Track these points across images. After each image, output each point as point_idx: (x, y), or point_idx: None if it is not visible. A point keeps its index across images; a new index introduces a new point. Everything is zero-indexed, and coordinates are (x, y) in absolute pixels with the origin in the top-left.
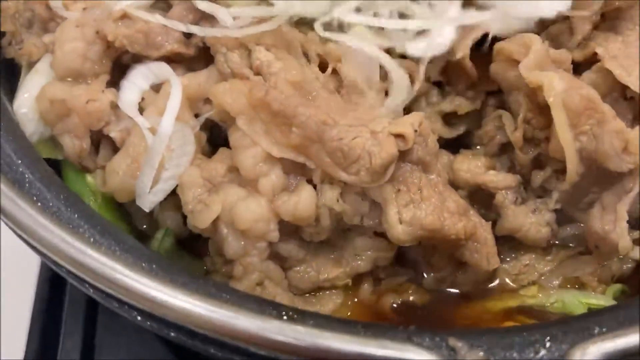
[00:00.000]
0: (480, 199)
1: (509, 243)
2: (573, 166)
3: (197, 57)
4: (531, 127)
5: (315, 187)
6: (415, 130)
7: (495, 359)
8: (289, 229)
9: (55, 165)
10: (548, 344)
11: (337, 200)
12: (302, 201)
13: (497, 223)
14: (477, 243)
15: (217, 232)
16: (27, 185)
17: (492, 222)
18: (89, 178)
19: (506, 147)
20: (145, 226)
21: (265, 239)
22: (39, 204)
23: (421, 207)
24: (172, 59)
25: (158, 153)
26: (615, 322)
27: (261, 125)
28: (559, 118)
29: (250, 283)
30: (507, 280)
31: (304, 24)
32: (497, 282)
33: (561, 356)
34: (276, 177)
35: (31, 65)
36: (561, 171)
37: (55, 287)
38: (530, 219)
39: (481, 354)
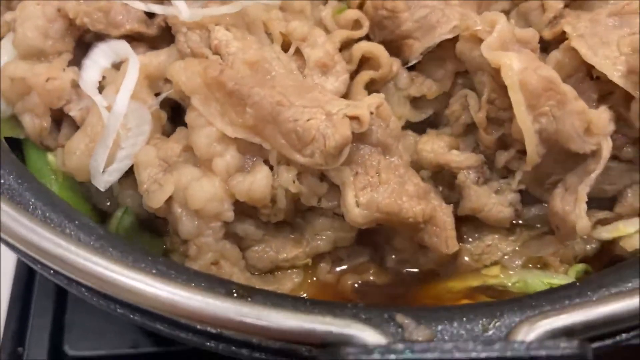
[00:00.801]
0: (444, 179)
1: (473, 223)
2: (532, 147)
3: (160, 36)
4: (495, 108)
5: (272, 168)
6: (372, 112)
7: (443, 335)
8: (246, 209)
9: (18, 144)
10: (496, 322)
11: (294, 182)
12: (256, 182)
13: (459, 203)
14: (436, 227)
15: (171, 212)
16: None
17: (456, 204)
18: (51, 157)
19: (472, 127)
20: (107, 205)
21: (219, 219)
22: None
23: (379, 191)
24: (134, 38)
25: (112, 132)
26: (567, 300)
27: (216, 105)
28: (516, 99)
29: (205, 262)
30: (470, 259)
31: None
32: (459, 261)
33: (507, 331)
34: (231, 157)
35: None
36: (524, 152)
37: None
38: (493, 199)
39: (427, 331)
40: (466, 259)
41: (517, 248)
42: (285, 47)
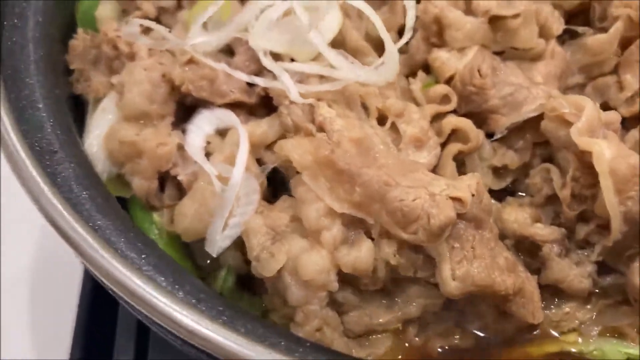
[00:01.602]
0: (525, 248)
1: (551, 290)
2: (617, 227)
3: (259, 103)
4: (578, 185)
5: (372, 239)
6: (473, 195)
7: None
8: (347, 278)
9: (123, 202)
10: None
11: (394, 255)
12: (362, 255)
13: (541, 272)
14: (524, 298)
15: (280, 279)
16: (107, 232)
17: (536, 270)
18: (156, 216)
19: (552, 198)
20: (207, 262)
21: (325, 289)
22: (119, 252)
23: (473, 264)
24: (234, 105)
25: (229, 204)
26: None
27: (325, 181)
28: (606, 185)
29: (310, 329)
30: (549, 326)
31: None
32: (539, 328)
33: None
34: (337, 230)
35: (97, 101)
36: (604, 226)
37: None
38: (574, 271)
39: None
40: (545, 326)
41: (593, 316)
42: (380, 120)
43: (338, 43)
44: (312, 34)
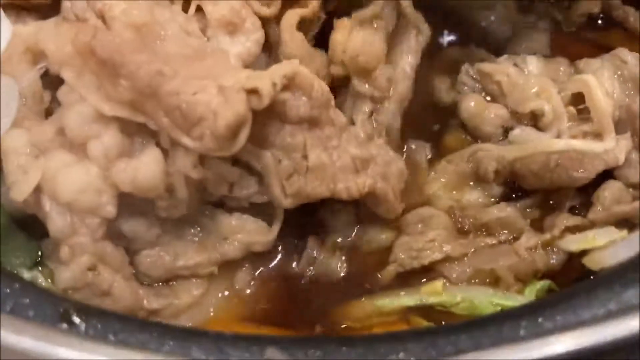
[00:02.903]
0: None
1: (420, 215)
2: None
3: (52, 6)
4: None
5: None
6: (275, 83)
7: None
8: (138, 204)
9: None
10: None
11: (195, 167)
12: (143, 168)
13: None
14: (375, 199)
15: (39, 206)
16: None
17: None
18: None
19: None
20: None
21: (97, 214)
22: None
23: (307, 177)
24: (23, 7)
25: None
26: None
27: (90, 77)
28: None
29: (79, 267)
30: (405, 256)
31: None
32: (393, 257)
33: None
34: (109, 139)
35: None
36: None
37: None
38: None
39: None
40: (401, 255)
41: (465, 254)
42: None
43: None
44: None
